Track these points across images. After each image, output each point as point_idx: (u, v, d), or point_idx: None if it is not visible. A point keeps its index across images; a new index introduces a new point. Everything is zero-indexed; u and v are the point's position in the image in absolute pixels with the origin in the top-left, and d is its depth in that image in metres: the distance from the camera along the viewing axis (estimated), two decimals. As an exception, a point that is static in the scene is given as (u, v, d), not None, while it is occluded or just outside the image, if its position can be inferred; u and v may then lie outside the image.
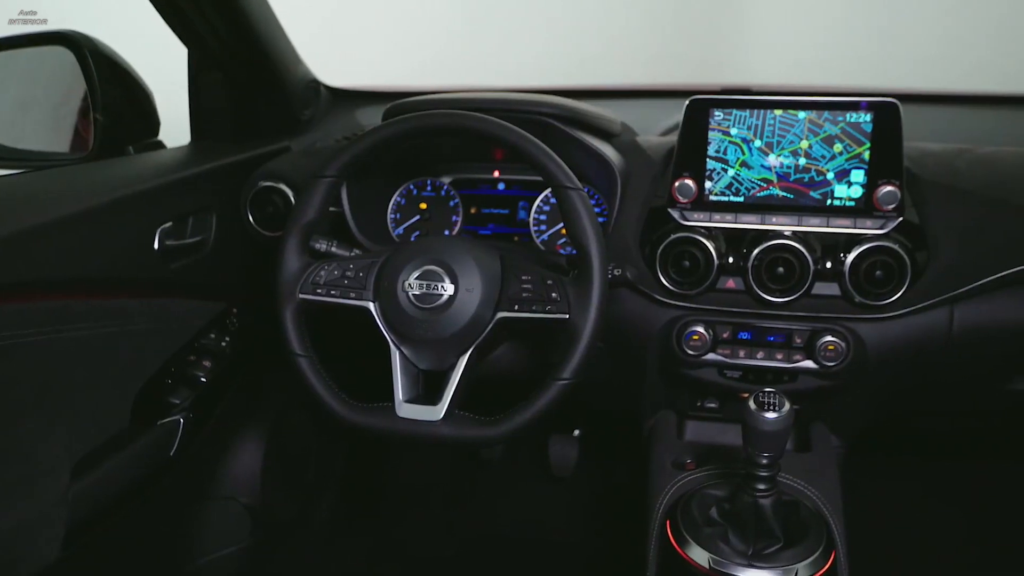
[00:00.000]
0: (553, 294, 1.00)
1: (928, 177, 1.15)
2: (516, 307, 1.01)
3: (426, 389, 1.06)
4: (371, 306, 1.05)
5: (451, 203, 1.41)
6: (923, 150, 1.20)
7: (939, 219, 1.13)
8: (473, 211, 1.41)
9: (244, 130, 1.52)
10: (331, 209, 1.29)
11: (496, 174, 1.41)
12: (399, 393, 1.03)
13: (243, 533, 1.60)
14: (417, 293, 1.02)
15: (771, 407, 0.94)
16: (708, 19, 2.15)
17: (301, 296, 1.06)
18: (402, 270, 1.04)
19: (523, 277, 1.02)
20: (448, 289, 1.01)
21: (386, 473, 2.03)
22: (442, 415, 1.00)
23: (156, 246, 1.19)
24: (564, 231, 1.18)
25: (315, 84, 1.63)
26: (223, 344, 1.35)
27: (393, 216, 1.43)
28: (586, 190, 1.33)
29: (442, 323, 1.02)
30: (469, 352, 1.02)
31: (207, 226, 1.32)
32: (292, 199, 1.32)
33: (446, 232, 1.41)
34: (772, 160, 1.14)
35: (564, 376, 0.98)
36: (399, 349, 1.04)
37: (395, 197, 1.43)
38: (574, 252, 1.01)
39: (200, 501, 1.56)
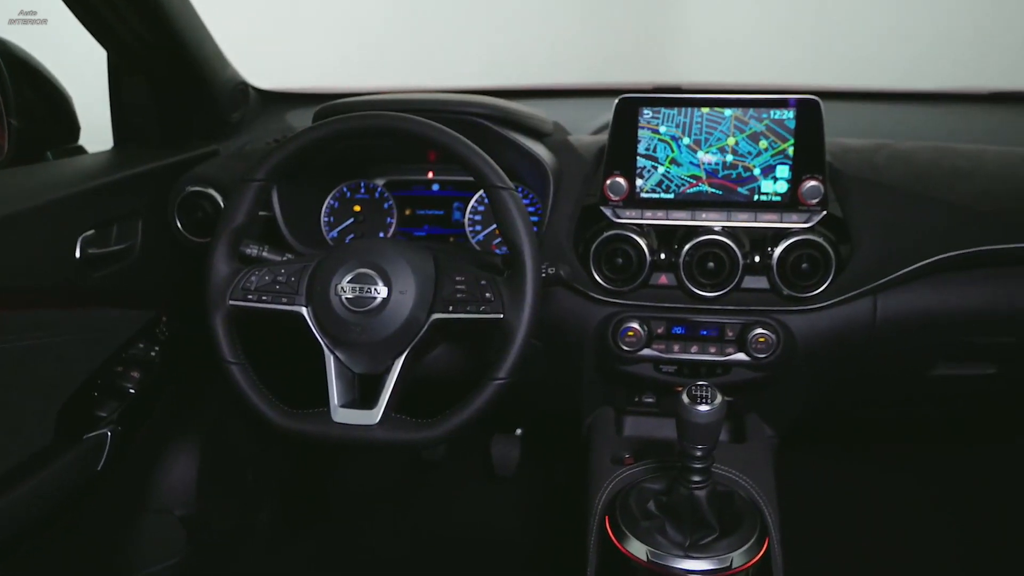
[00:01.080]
0: (487, 294, 1.00)
1: (850, 172, 1.19)
2: (450, 308, 1.01)
3: (362, 393, 1.05)
4: (304, 311, 1.04)
5: (385, 205, 1.40)
6: (844, 146, 1.24)
7: (861, 212, 1.16)
8: (408, 213, 1.41)
9: (170, 134, 1.48)
10: (262, 213, 1.27)
11: (430, 175, 1.40)
12: (334, 398, 1.02)
13: (179, 546, 1.56)
14: (350, 296, 1.01)
15: (703, 400, 0.95)
16: (641, 20, 2.17)
17: (231, 302, 1.04)
18: (334, 274, 1.03)
19: (457, 278, 1.02)
20: (381, 292, 1.01)
21: (330, 478, 2.00)
22: (378, 419, 0.99)
23: (78, 254, 1.15)
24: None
25: (243, 86, 1.60)
26: (152, 354, 1.32)
27: (327, 219, 1.41)
28: (519, 190, 1.34)
29: (376, 326, 1.01)
30: (404, 355, 1.02)
31: (133, 233, 1.28)
32: (221, 204, 1.29)
33: (380, 234, 1.40)
34: (701, 157, 1.16)
35: (500, 376, 0.98)
36: (333, 353, 1.03)
37: (328, 200, 1.41)
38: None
39: (133, 515, 1.51)
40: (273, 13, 2.06)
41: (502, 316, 0.98)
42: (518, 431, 1.90)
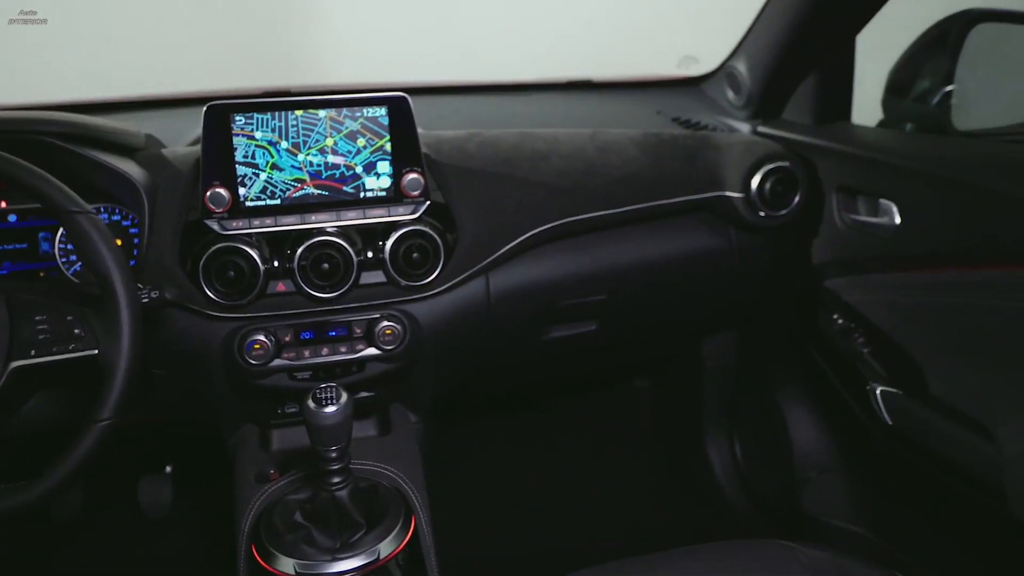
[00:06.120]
0: (76, 330, 0.91)
1: (446, 161, 1.26)
2: (32, 352, 0.90)
3: None
4: None
5: None
6: (439, 137, 1.31)
7: (460, 198, 1.24)
8: None
9: None
10: None
11: (3, 205, 1.23)
12: None
13: None
14: None
15: (329, 401, 0.95)
16: (246, 24, 2.11)
17: None
18: None
19: (37, 318, 0.92)
20: None
21: None
22: None
23: None
24: None
25: None
26: None
27: None
28: (115, 211, 1.23)
29: None
30: None
31: None
32: None
33: None
34: (302, 159, 1.15)
35: (103, 416, 0.89)
36: None
37: None
38: None
39: None
40: None
41: (97, 352, 0.90)
42: (168, 468, 1.76)
